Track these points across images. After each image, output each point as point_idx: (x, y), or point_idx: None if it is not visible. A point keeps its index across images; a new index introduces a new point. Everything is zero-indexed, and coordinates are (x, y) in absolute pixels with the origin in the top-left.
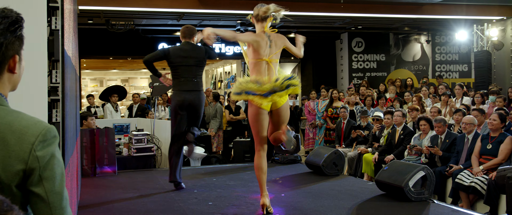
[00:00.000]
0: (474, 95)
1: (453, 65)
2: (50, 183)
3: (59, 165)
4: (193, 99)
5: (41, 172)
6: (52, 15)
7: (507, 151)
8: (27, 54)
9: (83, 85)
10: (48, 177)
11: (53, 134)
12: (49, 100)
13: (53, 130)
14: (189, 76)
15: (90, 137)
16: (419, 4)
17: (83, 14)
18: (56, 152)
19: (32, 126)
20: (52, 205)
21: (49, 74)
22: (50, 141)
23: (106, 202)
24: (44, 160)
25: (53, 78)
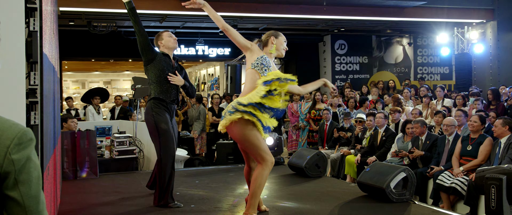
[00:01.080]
0: (456, 97)
1: (435, 67)
2: (26, 186)
3: (35, 168)
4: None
5: (17, 176)
6: (30, 16)
7: (486, 152)
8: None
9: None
10: (24, 181)
11: (29, 137)
12: (28, 103)
13: (29, 132)
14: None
15: (71, 139)
16: (401, 7)
17: (64, 15)
18: (33, 155)
19: (8, 128)
20: (28, 209)
21: (28, 76)
22: (26, 144)
23: (87, 206)
24: (20, 163)
25: (32, 80)
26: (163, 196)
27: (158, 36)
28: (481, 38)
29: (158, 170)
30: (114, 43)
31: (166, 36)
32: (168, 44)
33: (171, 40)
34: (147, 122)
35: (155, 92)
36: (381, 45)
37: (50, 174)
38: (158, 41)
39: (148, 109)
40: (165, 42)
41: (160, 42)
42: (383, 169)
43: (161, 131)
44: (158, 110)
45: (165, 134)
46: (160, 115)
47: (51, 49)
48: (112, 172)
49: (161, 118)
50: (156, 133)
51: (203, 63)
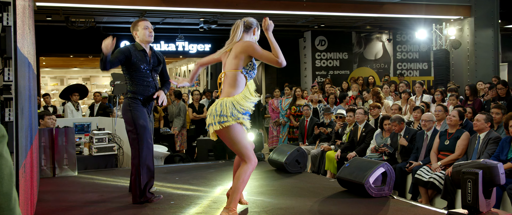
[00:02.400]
0: (435, 93)
1: (414, 63)
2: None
3: (7, 165)
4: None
5: None
6: (3, 11)
7: (463, 146)
8: None
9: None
10: None
11: (1, 134)
12: (2, 99)
13: (1, 129)
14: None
15: (49, 136)
16: (381, 3)
17: (41, 10)
18: (4, 152)
19: None
20: (0, 206)
21: (2, 72)
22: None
23: (66, 204)
24: None
25: (6, 76)
26: (143, 193)
27: (134, 25)
28: (459, 34)
29: (136, 166)
30: (93, 39)
31: (142, 28)
32: (143, 37)
33: (147, 33)
34: (125, 117)
35: (131, 90)
36: (361, 41)
37: (27, 171)
38: (133, 31)
39: (125, 105)
40: (140, 34)
41: (135, 33)
42: (362, 164)
43: (139, 126)
44: (135, 106)
45: (144, 129)
46: (138, 111)
47: (27, 45)
48: (91, 169)
49: (139, 113)
50: (133, 128)
51: (184, 59)
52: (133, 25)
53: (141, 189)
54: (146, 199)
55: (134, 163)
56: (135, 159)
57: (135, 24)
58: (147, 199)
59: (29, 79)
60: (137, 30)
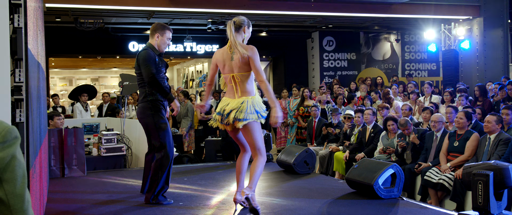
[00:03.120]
0: (443, 94)
1: (422, 64)
2: (10, 185)
3: (20, 167)
4: (137, 113)
5: (1, 174)
6: (14, 12)
7: (472, 147)
8: None
9: (52, 84)
10: (9, 179)
11: (14, 135)
12: (13, 100)
13: (14, 130)
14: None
15: (58, 137)
16: (389, 4)
17: (51, 12)
18: (18, 153)
19: None
20: (13, 208)
21: (12, 73)
22: (11, 142)
23: (75, 204)
24: (4, 161)
25: (17, 77)
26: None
27: (161, 28)
28: (468, 34)
29: (157, 168)
30: (102, 40)
31: (167, 36)
32: (162, 45)
33: (167, 43)
34: (145, 122)
35: (152, 93)
36: (369, 41)
37: (37, 172)
38: (156, 33)
39: (145, 109)
40: (162, 41)
41: (157, 36)
42: (371, 165)
43: (162, 130)
44: (156, 109)
45: (167, 132)
46: (159, 115)
47: (37, 46)
48: (100, 169)
49: (161, 117)
50: (156, 132)
51: (191, 60)
52: (160, 28)
53: (156, 192)
54: (157, 201)
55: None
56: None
57: (163, 28)
58: (158, 201)
59: (39, 80)
60: (161, 35)
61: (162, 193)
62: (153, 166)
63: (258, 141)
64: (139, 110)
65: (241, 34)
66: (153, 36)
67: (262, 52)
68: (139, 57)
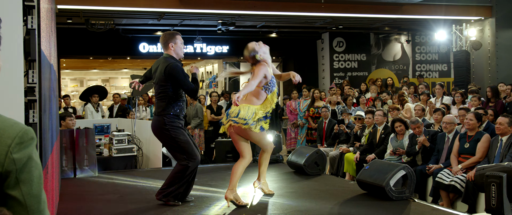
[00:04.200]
0: (455, 95)
1: (433, 64)
2: (27, 186)
3: (36, 167)
4: (151, 125)
5: (18, 175)
6: (28, 14)
7: (484, 149)
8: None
9: (63, 85)
10: (25, 180)
11: (31, 136)
12: (26, 101)
13: (31, 131)
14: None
15: (70, 137)
16: (399, 4)
17: (62, 13)
18: (34, 154)
19: (9, 128)
20: (30, 208)
21: (26, 74)
22: (27, 143)
23: (86, 204)
24: (21, 162)
25: (30, 79)
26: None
27: (171, 37)
28: (480, 35)
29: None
30: (112, 41)
31: (180, 42)
32: (180, 52)
33: (182, 48)
34: (164, 137)
35: (173, 108)
36: (379, 42)
37: (49, 172)
38: (169, 42)
39: (161, 124)
40: (178, 49)
41: (172, 45)
42: (382, 167)
43: (182, 142)
44: (172, 124)
45: (187, 143)
46: (175, 129)
47: (49, 47)
48: (111, 170)
49: (177, 130)
50: (176, 144)
51: (201, 61)
52: (170, 37)
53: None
54: (165, 201)
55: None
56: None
57: (172, 36)
58: (166, 201)
59: (51, 81)
60: (175, 43)
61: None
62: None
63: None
64: (155, 123)
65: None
66: (167, 47)
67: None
68: (171, 72)
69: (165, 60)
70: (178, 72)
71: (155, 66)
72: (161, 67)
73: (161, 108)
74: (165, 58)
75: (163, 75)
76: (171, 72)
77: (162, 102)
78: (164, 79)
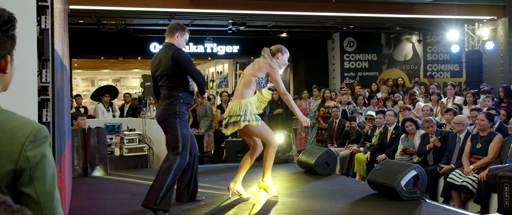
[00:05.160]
0: (466, 95)
1: (444, 64)
2: (41, 183)
3: (50, 165)
4: (158, 114)
5: (32, 173)
6: (41, 14)
7: (496, 149)
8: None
9: (74, 85)
10: (39, 178)
11: (44, 134)
12: (39, 100)
13: (44, 130)
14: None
15: (82, 137)
16: (411, 4)
17: (74, 13)
18: (47, 152)
19: (23, 126)
20: (43, 206)
21: (39, 73)
22: (41, 141)
23: (98, 203)
24: (35, 160)
25: (43, 78)
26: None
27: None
28: (492, 35)
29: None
30: (123, 41)
31: (185, 39)
32: (183, 44)
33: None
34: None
35: (184, 95)
36: (390, 42)
37: (61, 171)
38: (177, 31)
39: (170, 111)
40: (182, 41)
41: (179, 35)
42: (393, 167)
43: (184, 136)
44: (183, 115)
45: (186, 139)
46: (183, 121)
47: (62, 47)
48: (122, 169)
49: (185, 123)
50: (177, 134)
51: (212, 61)
52: (181, 28)
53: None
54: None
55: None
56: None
57: (183, 28)
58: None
59: (64, 80)
60: (181, 36)
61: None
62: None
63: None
64: (163, 111)
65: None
66: (173, 35)
67: None
68: (179, 58)
69: (168, 49)
70: (187, 58)
71: (155, 59)
72: (167, 55)
73: (171, 98)
74: (168, 47)
75: (171, 63)
76: (179, 59)
77: (171, 91)
78: (173, 67)
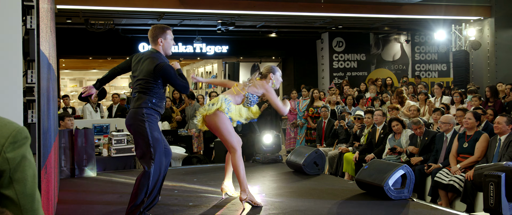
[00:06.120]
0: (453, 95)
1: (432, 64)
2: (21, 185)
3: (30, 167)
4: (127, 118)
5: (12, 174)
6: (27, 14)
7: (482, 148)
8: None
9: (62, 85)
10: (19, 179)
11: (24, 135)
12: (25, 101)
13: (24, 131)
14: (133, 90)
15: (69, 137)
16: (399, 4)
17: (62, 13)
18: (28, 154)
19: (2, 127)
20: (23, 208)
21: (25, 74)
22: (21, 142)
23: (85, 204)
24: (15, 161)
25: (29, 79)
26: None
27: (161, 31)
28: (479, 35)
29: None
30: (112, 41)
31: (170, 38)
32: (168, 48)
33: (171, 44)
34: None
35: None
36: (379, 42)
37: (48, 172)
38: (159, 36)
39: (138, 115)
40: (167, 45)
41: (161, 40)
42: (381, 166)
43: (154, 138)
44: (152, 118)
45: (158, 142)
46: (153, 123)
47: (49, 47)
48: (110, 170)
49: (155, 126)
50: (146, 139)
51: (201, 61)
52: (160, 30)
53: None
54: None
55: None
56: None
57: (163, 30)
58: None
59: (50, 81)
60: (164, 38)
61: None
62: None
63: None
64: (131, 115)
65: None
66: (156, 43)
67: (272, 53)
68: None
69: (152, 59)
70: (170, 72)
71: (137, 58)
72: (149, 64)
73: (141, 100)
74: (152, 54)
75: (153, 73)
76: (163, 74)
77: (144, 95)
78: (153, 76)
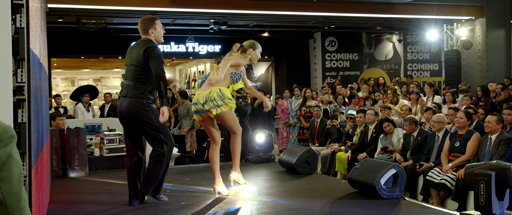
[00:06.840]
0: (445, 94)
1: (424, 64)
2: (6, 184)
3: (16, 166)
4: (125, 108)
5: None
6: (16, 12)
7: (474, 147)
8: None
9: (54, 85)
10: (5, 178)
11: (10, 134)
12: (15, 100)
13: (10, 129)
14: (126, 78)
15: (60, 137)
16: (391, 4)
17: (53, 12)
18: (14, 152)
19: None
20: (9, 207)
21: (14, 73)
22: (7, 141)
23: (77, 204)
24: (1, 160)
25: (19, 78)
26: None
27: (150, 22)
28: (470, 35)
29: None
30: (104, 40)
31: (159, 27)
32: (159, 37)
33: (162, 33)
34: (142, 117)
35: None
36: (371, 42)
37: (39, 172)
38: (149, 28)
39: (140, 105)
40: (158, 34)
41: (151, 31)
42: (373, 165)
43: (161, 125)
44: (152, 106)
45: (165, 128)
46: (154, 111)
47: (39, 46)
48: (102, 170)
49: (156, 112)
50: (154, 126)
51: (193, 61)
52: (149, 22)
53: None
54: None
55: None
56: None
57: (152, 21)
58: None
59: (41, 80)
60: (154, 28)
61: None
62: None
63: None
64: (132, 105)
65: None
66: (147, 33)
67: (264, 52)
68: (151, 53)
69: (144, 43)
70: (158, 55)
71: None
72: (139, 50)
73: (139, 90)
74: (145, 41)
75: (142, 57)
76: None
77: (140, 84)
78: (143, 61)
